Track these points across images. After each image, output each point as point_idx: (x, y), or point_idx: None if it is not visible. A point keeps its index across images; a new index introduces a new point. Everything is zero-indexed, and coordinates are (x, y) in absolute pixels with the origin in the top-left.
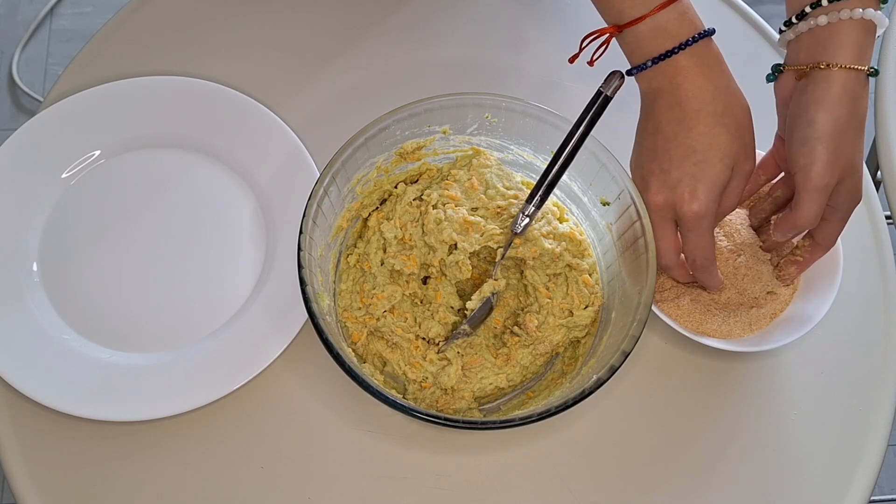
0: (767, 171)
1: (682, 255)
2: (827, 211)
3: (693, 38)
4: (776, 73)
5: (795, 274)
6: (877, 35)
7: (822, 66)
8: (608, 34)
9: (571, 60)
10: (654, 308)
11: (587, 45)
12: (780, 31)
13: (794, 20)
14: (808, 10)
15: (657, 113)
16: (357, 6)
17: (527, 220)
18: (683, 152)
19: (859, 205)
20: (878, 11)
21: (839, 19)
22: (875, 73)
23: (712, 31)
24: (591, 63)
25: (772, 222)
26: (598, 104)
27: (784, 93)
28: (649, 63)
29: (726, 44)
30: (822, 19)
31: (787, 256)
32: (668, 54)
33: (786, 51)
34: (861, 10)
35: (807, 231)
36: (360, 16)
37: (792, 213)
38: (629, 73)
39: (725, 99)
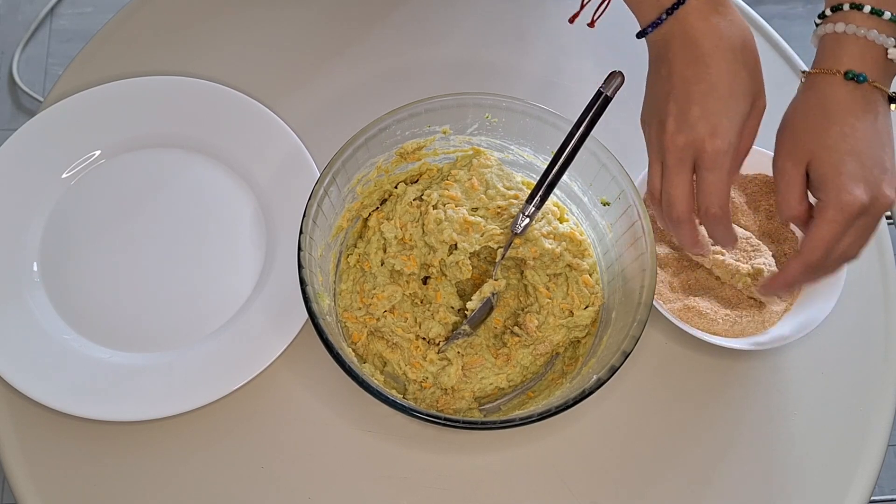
0: None
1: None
2: (815, 207)
3: None
4: None
5: (768, 284)
6: (889, 54)
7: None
8: None
9: (571, 20)
10: (655, 304)
11: (588, 1)
12: None
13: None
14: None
15: (670, 57)
16: (357, 6)
17: (527, 220)
18: (704, 89)
19: None
20: (863, 28)
21: (825, 33)
22: (851, 76)
23: None
24: (591, 24)
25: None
26: (599, 104)
27: None
28: (664, 16)
29: None
30: (814, 38)
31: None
32: (679, 4)
33: None
34: (833, 24)
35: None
36: (359, 15)
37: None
38: (640, 34)
39: (742, 35)
